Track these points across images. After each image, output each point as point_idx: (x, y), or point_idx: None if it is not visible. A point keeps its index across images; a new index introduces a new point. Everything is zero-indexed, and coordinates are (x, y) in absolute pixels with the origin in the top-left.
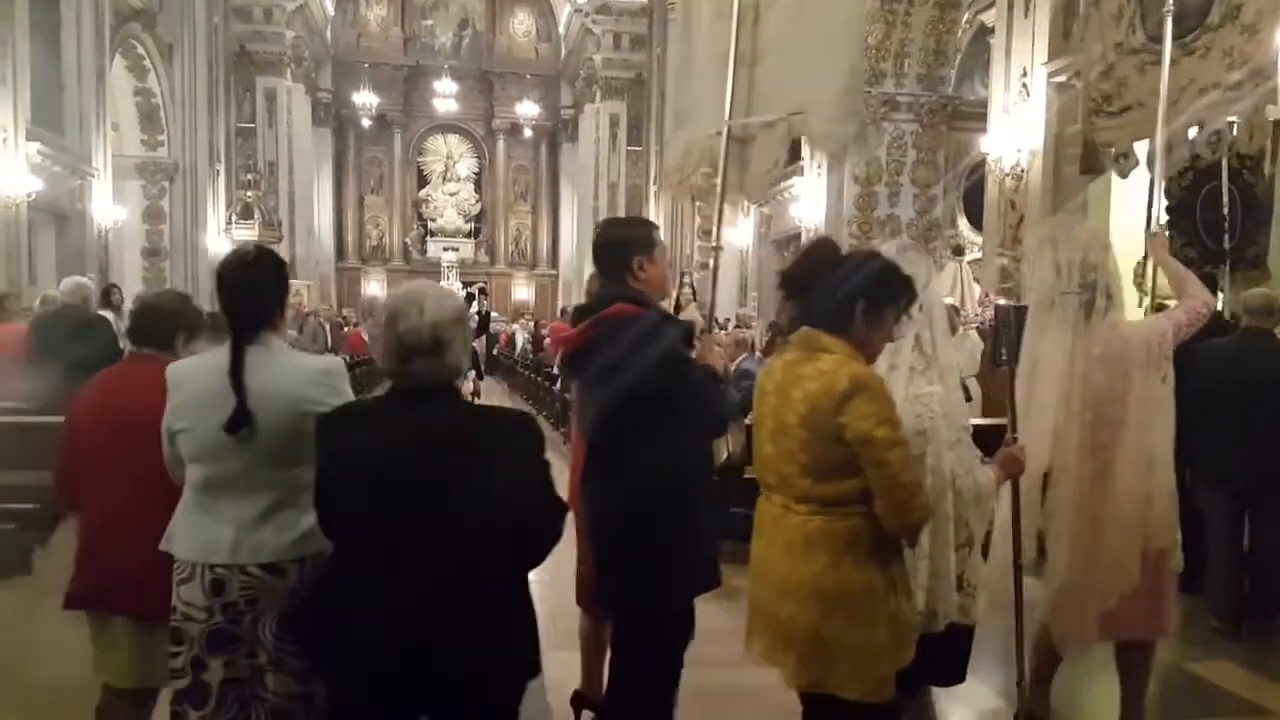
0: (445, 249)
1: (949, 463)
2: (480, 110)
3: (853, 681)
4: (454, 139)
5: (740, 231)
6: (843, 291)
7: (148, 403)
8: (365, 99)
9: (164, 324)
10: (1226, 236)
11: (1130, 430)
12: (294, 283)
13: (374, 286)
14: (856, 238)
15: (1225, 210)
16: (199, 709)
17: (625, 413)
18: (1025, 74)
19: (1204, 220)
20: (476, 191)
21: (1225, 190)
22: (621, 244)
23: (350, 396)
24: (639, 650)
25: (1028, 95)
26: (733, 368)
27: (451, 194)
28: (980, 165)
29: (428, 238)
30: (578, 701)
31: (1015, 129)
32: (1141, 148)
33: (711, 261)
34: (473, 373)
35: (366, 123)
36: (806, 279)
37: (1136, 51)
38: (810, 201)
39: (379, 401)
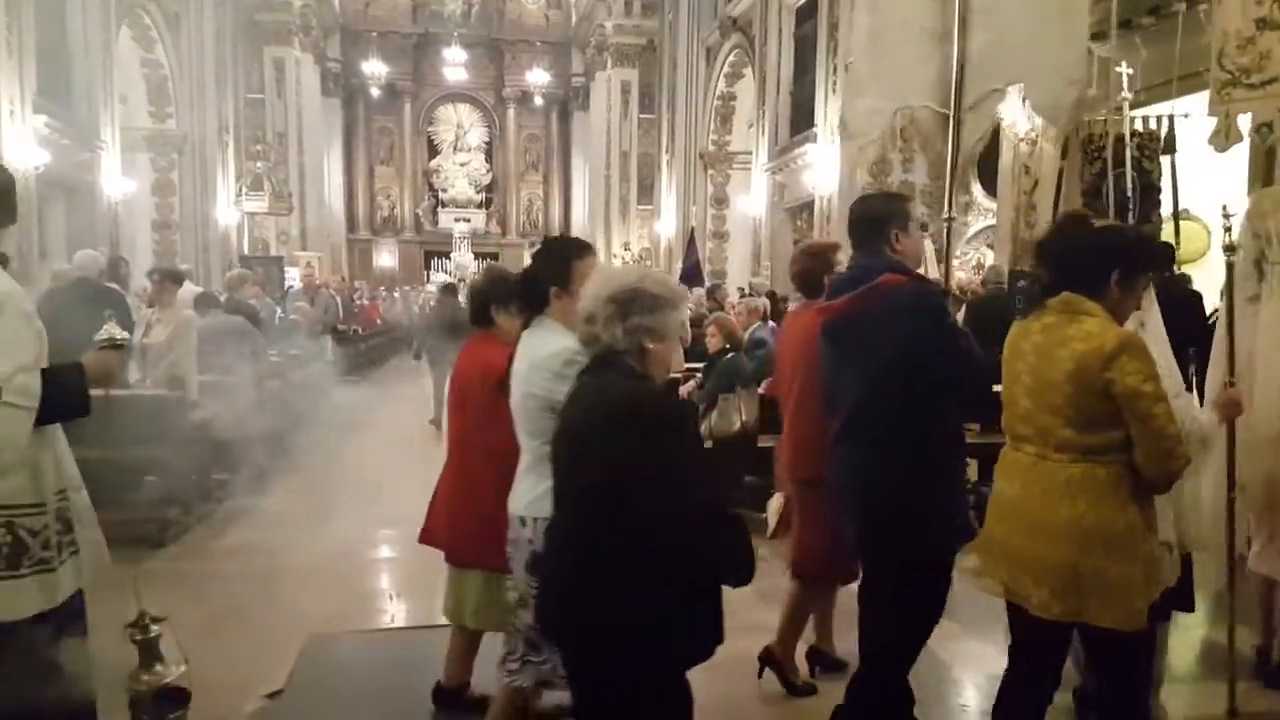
0: (456, 220)
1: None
2: (490, 79)
3: (1107, 612)
4: (464, 108)
5: (754, 199)
6: (1100, 260)
7: (472, 374)
8: (374, 68)
9: (477, 304)
10: (1131, 216)
11: None
12: (304, 254)
13: (385, 258)
14: None
15: (1130, 192)
16: None
17: (897, 377)
18: None
19: (1110, 203)
20: (487, 161)
21: (1129, 177)
22: (880, 218)
23: (569, 380)
24: (905, 600)
25: None
26: (745, 336)
27: (462, 164)
28: (995, 130)
29: (439, 208)
30: (767, 658)
31: None
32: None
33: (945, 233)
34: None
35: (376, 92)
36: (1060, 248)
37: None
38: (823, 168)
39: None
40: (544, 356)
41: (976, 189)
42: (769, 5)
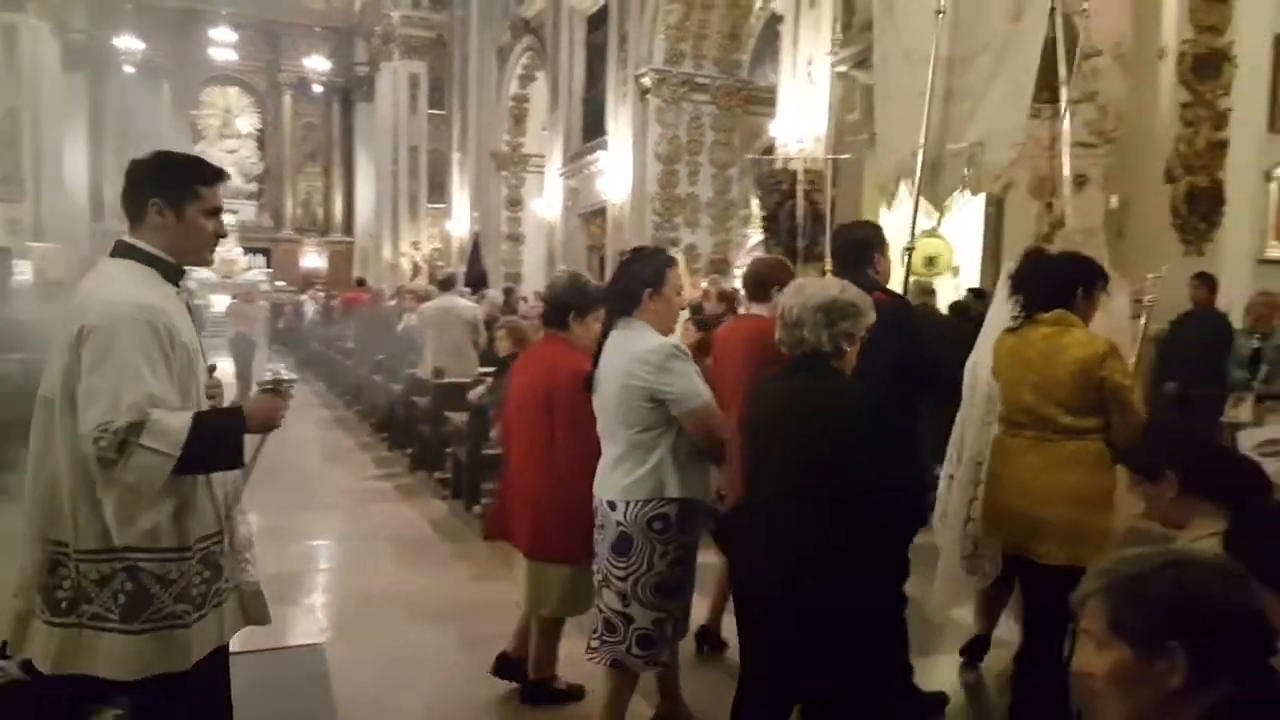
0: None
1: None
2: (264, 63)
3: (1099, 555)
4: (233, 92)
5: (548, 203)
6: (1066, 281)
7: (557, 377)
8: (127, 43)
9: (558, 308)
10: (800, 239)
11: None
12: (38, 246)
13: None
14: (659, 214)
15: (800, 219)
16: None
17: (895, 382)
18: (810, 62)
19: (785, 227)
20: (260, 149)
21: (800, 206)
22: (864, 243)
23: (679, 374)
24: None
25: (813, 83)
26: None
27: (230, 151)
28: (772, 148)
29: None
30: (703, 636)
31: (802, 115)
32: None
33: (906, 261)
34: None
35: (130, 69)
36: (1034, 273)
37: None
38: (615, 176)
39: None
40: (645, 351)
41: (755, 204)
42: (560, 10)
